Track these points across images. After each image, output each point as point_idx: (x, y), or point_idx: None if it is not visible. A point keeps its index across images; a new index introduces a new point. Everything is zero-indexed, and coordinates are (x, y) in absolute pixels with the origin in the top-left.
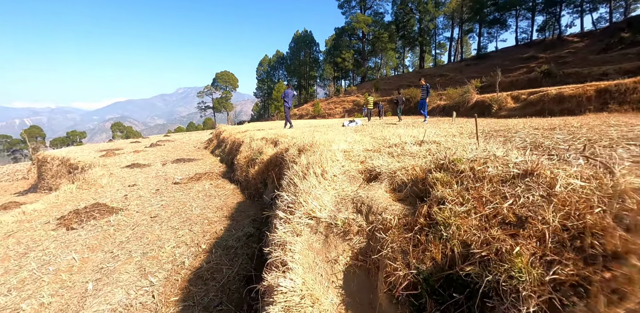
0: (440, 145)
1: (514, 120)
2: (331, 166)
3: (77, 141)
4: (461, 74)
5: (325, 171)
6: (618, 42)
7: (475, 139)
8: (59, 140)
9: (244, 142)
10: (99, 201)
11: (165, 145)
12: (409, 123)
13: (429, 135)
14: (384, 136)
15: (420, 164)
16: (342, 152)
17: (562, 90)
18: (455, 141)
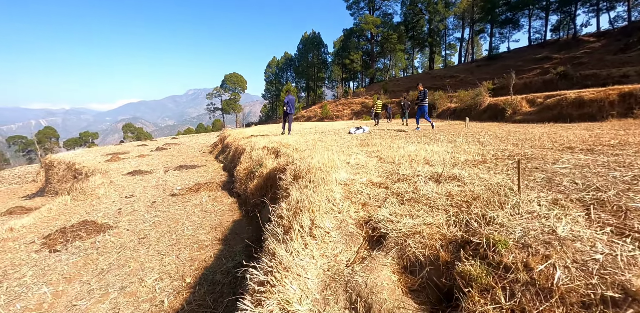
0: (465, 186)
1: (533, 129)
2: (323, 215)
3: (89, 141)
4: (472, 75)
5: (314, 224)
6: (637, 41)
7: (506, 175)
8: (72, 141)
9: (245, 151)
10: (91, 214)
11: (171, 149)
12: (420, 131)
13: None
14: (392, 157)
15: (440, 226)
16: (341, 186)
17: (582, 94)
18: (483, 177)
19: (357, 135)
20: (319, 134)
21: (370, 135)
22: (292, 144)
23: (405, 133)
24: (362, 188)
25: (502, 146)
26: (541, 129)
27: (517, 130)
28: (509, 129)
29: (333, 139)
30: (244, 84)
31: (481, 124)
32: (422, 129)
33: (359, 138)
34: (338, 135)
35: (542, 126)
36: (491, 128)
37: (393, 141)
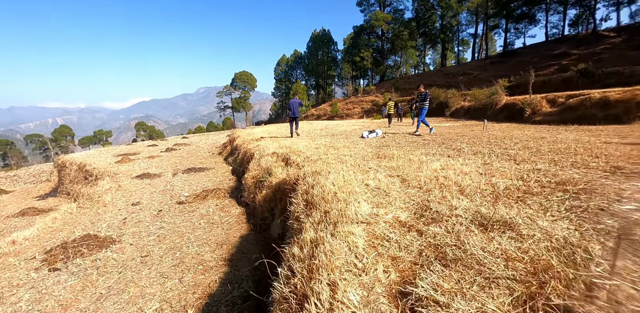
0: (523, 240)
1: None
2: (346, 278)
3: (103, 139)
4: (486, 72)
5: (335, 296)
6: None
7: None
8: (87, 139)
9: (254, 157)
10: (96, 225)
11: (181, 150)
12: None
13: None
14: (417, 178)
15: None
16: (363, 225)
17: (607, 94)
18: (543, 226)
19: (371, 140)
20: (330, 138)
21: (385, 141)
22: (303, 151)
23: (422, 137)
24: (389, 230)
25: (540, 165)
26: (568, 134)
27: (542, 136)
28: (532, 133)
29: (345, 145)
30: (254, 83)
31: (499, 125)
32: (439, 134)
33: (373, 144)
34: (350, 139)
35: (567, 130)
36: (512, 130)
37: (412, 151)
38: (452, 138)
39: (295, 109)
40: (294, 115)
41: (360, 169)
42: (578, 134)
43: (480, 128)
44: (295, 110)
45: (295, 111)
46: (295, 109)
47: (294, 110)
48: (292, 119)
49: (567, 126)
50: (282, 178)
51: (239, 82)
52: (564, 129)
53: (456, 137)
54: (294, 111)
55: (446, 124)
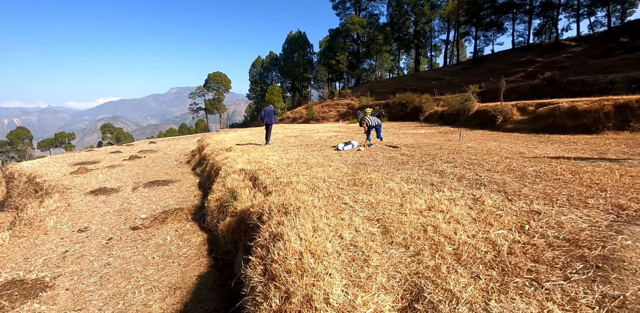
0: None
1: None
2: None
3: (65, 142)
4: (458, 77)
5: None
6: (617, 47)
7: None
8: (47, 142)
9: (219, 174)
10: (29, 261)
11: (146, 157)
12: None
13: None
14: (401, 228)
15: None
16: None
17: (576, 103)
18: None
19: (347, 154)
20: (304, 150)
21: (361, 155)
22: (274, 168)
23: (400, 151)
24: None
25: (535, 203)
26: (545, 147)
27: (520, 151)
28: (509, 146)
29: (319, 161)
30: (228, 84)
31: (473, 133)
32: (417, 147)
33: (349, 160)
34: (324, 152)
35: (541, 140)
36: (488, 141)
37: (391, 173)
38: (431, 152)
39: (269, 116)
40: (269, 122)
41: (334, 206)
42: (554, 148)
43: (455, 135)
44: (269, 117)
45: (270, 118)
46: (269, 116)
47: (268, 118)
48: (266, 127)
49: (540, 136)
50: (247, 205)
51: (213, 83)
52: (537, 139)
53: (434, 151)
54: (267, 118)
55: (422, 131)
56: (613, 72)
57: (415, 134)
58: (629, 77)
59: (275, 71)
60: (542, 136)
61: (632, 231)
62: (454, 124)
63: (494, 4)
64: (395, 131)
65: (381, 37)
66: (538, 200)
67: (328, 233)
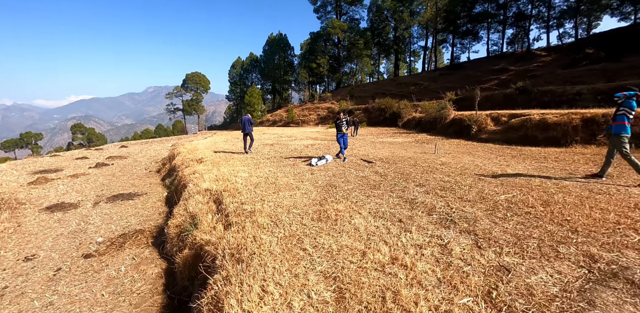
0: None
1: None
2: None
3: (32, 143)
4: (435, 83)
5: None
6: (583, 57)
7: None
8: (11, 142)
9: (183, 195)
10: None
11: (114, 165)
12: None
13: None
14: (360, 296)
15: None
16: None
17: (546, 116)
18: None
19: (319, 172)
20: (276, 164)
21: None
22: (240, 189)
23: (373, 168)
24: None
25: (505, 253)
26: (516, 164)
27: (493, 170)
28: (482, 162)
29: (289, 182)
30: (207, 84)
31: (449, 142)
32: (392, 162)
33: (319, 182)
34: (297, 169)
35: (512, 154)
36: (462, 155)
37: (360, 202)
38: (405, 170)
39: (246, 125)
40: (245, 131)
41: (291, 254)
42: (525, 165)
43: (431, 146)
44: (247, 126)
45: (247, 126)
46: (246, 125)
47: (244, 127)
48: (245, 135)
49: (512, 148)
50: (205, 238)
51: (191, 83)
52: (509, 153)
53: (409, 168)
54: (244, 128)
55: (399, 139)
56: (580, 82)
57: (392, 144)
58: (595, 89)
59: (255, 73)
60: (515, 148)
61: (605, 301)
62: (431, 131)
63: (470, 13)
64: (372, 139)
65: (362, 42)
66: (509, 248)
67: (277, 299)
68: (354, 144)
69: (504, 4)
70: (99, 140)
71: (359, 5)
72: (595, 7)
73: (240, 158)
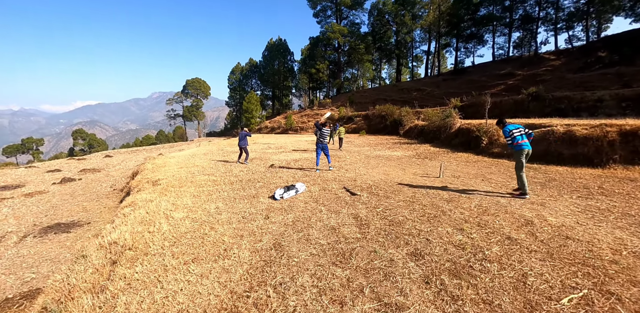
0: None
1: (542, 199)
2: None
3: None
4: (438, 89)
5: None
6: (596, 61)
7: None
8: (13, 148)
9: (88, 244)
10: None
11: (82, 180)
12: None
13: None
14: None
15: None
16: None
17: (573, 128)
18: None
19: (271, 224)
20: (234, 194)
21: (292, 225)
22: (153, 246)
23: (355, 206)
24: None
25: None
26: (558, 204)
27: (527, 216)
28: (510, 203)
29: (237, 227)
30: (207, 90)
31: (455, 157)
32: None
33: (265, 243)
34: (253, 206)
35: (542, 182)
36: (476, 182)
37: (326, 275)
38: (397, 216)
39: (243, 140)
40: (241, 145)
41: None
42: (565, 201)
43: (436, 163)
44: (243, 141)
45: (243, 141)
46: (243, 141)
47: (242, 141)
48: (241, 149)
49: (535, 168)
50: None
51: (191, 89)
52: (534, 176)
53: (403, 211)
54: (243, 142)
55: (398, 152)
56: (593, 87)
57: (389, 160)
58: (618, 95)
59: (255, 79)
60: (538, 169)
61: None
62: (434, 142)
63: (474, 16)
64: (368, 152)
65: (362, 47)
66: None
67: None
68: (344, 160)
69: (510, 7)
70: (100, 146)
71: (360, 9)
72: (607, 8)
73: (202, 180)
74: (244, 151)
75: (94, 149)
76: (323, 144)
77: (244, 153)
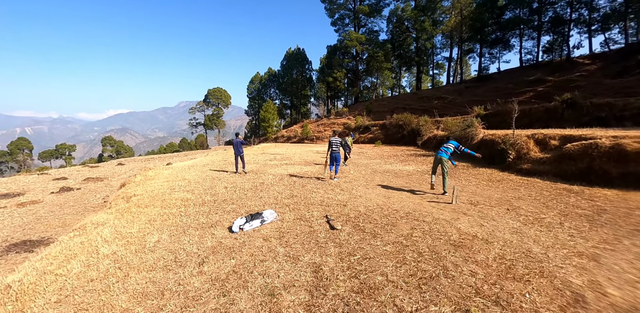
0: None
1: (576, 218)
2: None
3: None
4: (461, 97)
5: None
6: (635, 65)
7: None
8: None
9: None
10: None
11: (80, 190)
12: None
13: None
14: None
15: None
16: None
17: (622, 141)
18: None
19: (213, 263)
20: (199, 219)
21: (222, 283)
22: (33, 302)
23: (328, 241)
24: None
25: None
26: (619, 258)
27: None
28: (544, 240)
29: (177, 281)
30: (228, 99)
31: (476, 174)
32: (366, 233)
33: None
34: (202, 243)
35: (588, 209)
36: (499, 212)
37: None
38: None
39: (237, 148)
40: (237, 154)
41: None
42: (630, 251)
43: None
44: (238, 148)
45: (238, 149)
46: (237, 149)
47: (237, 149)
48: (237, 156)
49: (575, 192)
50: None
51: (212, 98)
52: (575, 204)
53: (387, 264)
54: (237, 150)
55: (410, 167)
56: (634, 93)
57: (398, 176)
58: None
59: (273, 88)
60: (580, 192)
61: None
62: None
63: (499, 20)
64: (377, 166)
65: (381, 54)
66: None
67: None
68: (346, 176)
69: (538, 9)
70: (127, 152)
71: (378, 17)
72: None
73: (175, 199)
74: (240, 159)
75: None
76: (335, 153)
77: (240, 162)
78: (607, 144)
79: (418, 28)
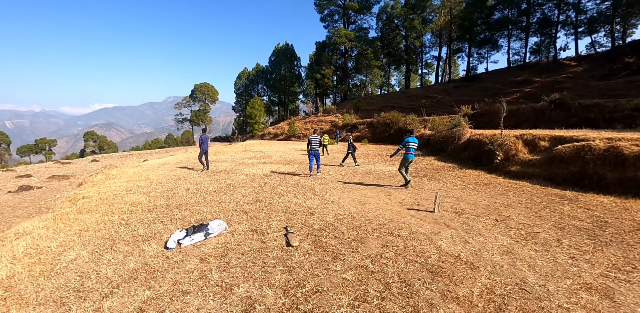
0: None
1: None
2: None
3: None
4: (449, 96)
5: None
6: (622, 67)
7: None
8: (27, 148)
9: None
10: None
11: (42, 189)
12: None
13: None
14: None
15: None
16: None
17: (618, 143)
18: None
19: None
20: (139, 230)
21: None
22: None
23: (277, 262)
24: None
25: None
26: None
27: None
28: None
29: None
30: (215, 95)
31: (461, 176)
32: (326, 252)
33: None
34: (127, 264)
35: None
36: (486, 222)
37: None
38: (346, 274)
39: (204, 144)
40: (205, 149)
41: None
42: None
43: (436, 185)
44: (204, 144)
45: (204, 145)
46: (204, 144)
47: (203, 145)
48: (204, 152)
49: (567, 198)
50: None
51: (199, 94)
52: (570, 213)
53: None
54: (203, 146)
55: (393, 168)
56: (620, 95)
57: (379, 177)
58: None
59: (261, 84)
60: (573, 199)
61: None
62: (440, 154)
63: (488, 20)
64: (358, 167)
65: (370, 52)
66: None
67: None
68: (323, 178)
69: (527, 10)
70: (111, 148)
71: (368, 14)
72: (635, 11)
73: (125, 202)
74: (204, 155)
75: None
76: (315, 151)
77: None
78: (602, 147)
79: (407, 26)
